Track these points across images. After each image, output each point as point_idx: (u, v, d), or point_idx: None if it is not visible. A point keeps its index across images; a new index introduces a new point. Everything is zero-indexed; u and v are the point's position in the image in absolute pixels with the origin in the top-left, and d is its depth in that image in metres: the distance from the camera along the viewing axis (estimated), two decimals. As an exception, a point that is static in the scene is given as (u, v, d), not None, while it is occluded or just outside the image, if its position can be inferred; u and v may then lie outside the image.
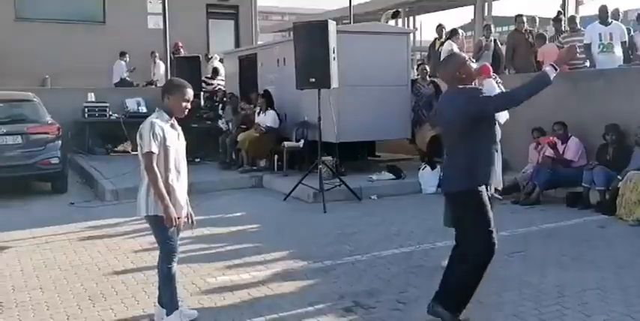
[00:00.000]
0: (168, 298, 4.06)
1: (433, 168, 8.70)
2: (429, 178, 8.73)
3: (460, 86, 3.93)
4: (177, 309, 4.05)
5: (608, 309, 4.25)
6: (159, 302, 4.19)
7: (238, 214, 7.65)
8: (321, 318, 4.22)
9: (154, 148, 3.88)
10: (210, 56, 15.05)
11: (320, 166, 8.15)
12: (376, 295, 4.63)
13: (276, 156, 9.94)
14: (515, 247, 5.73)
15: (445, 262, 5.20)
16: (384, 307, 4.38)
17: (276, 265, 5.45)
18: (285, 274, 5.18)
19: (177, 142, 4.03)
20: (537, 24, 11.65)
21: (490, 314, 4.21)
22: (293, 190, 8.30)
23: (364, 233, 6.52)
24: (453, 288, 4.00)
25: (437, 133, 9.09)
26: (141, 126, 3.97)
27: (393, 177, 9.06)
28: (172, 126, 4.04)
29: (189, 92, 4.05)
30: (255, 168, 10.10)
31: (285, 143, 9.78)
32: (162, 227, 3.95)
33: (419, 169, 9.01)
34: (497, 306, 4.35)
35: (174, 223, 3.90)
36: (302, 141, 9.66)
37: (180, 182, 4.05)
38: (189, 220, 4.22)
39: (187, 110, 4.08)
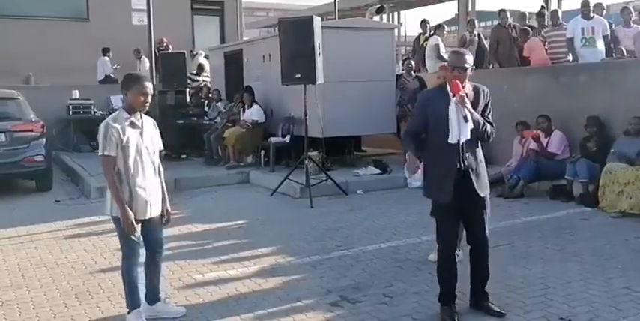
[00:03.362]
0: (127, 297, 4.03)
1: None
2: (414, 172, 8.76)
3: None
4: (138, 308, 4.02)
5: (592, 300, 4.31)
6: (145, 299, 4.20)
7: (225, 210, 7.65)
8: (309, 313, 4.24)
9: (107, 152, 3.83)
10: (195, 53, 14.98)
11: (306, 162, 8.17)
12: (363, 289, 4.66)
13: (262, 152, 9.94)
14: (500, 239, 5.76)
15: (432, 256, 5.28)
16: (370, 301, 4.41)
17: (263, 260, 5.47)
18: (272, 270, 5.19)
19: (139, 140, 3.92)
20: (527, 20, 11.68)
21: (475, 306, 4.24)
22: (279, 185, 8.31)
23: (351, 228, 6.55)
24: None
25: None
26: (99, 128, 3.90)
27: (379, 172, 9.09)
28: (132, 124, 3.92)
29: (148, 85, 3.91)
30: (241, 164, 10.09)
31: (272, 139, 9.78)
32: (122, 229, 3.91)
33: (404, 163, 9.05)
34: (483, 298, 4.39)
35: (130, 228, 3.84)
36: (288, 137, 9.66)
37: (146, 181, 3.95)
38: (165, 218, 4.16)
39: (147, 104, 3.94)
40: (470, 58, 3.97)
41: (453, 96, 3.88)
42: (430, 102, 4.06)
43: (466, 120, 3.85)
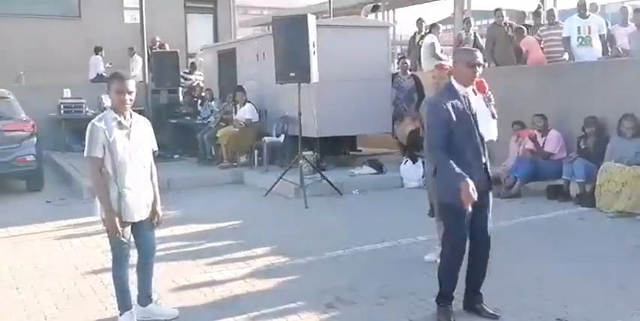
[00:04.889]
0: (118, 299, 3.97)
1: (414, 162, 8.70)
2: (410, 172, 8.73)
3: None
4: (130, 310, 3.96)
5: (588, 300, 4.28)
6: (137, 301, 4.13)
7: (219, 210, 7.58)
8: (303, 314, 4.19)
9: (93, 153, 3.75)
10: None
11: (301, 162, 8.11)
12: (358, 290, 4.61)
13: (256, 151, 9.89)
14: (497, 239, 5.71)
15: (428, 256, 5.23)
16: (366, 302, 4.37)
17: (258, 261, 5.41)
18: (267, 271, 5.14)
19: (127, 140, 3.82)
20: (527, 18, 11.63)
21: (472, 308, 4.19)
22: (274, 185, 8.25)
23: (346, 228, 6.51)
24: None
25: (417, 127, 9.10)
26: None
27: (375, 171, 9.05)
28: (120, 124, 3.82)
29: (125, 83, 3.79)
30: (235, 164, 10.03)
31: (266, 138, 9.72)
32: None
33: (400, 163, 9.01)
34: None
35: (114, 232, 3.79)
36: (282, 136, 9.61)
37: (135, 183, 3.87)
38: (156, 220, 4.08)
39: (127, 102, 3.81)
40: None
41: (482, 93, 3.90)
42: (450, 106, 3.82)
43: (494, 117, 3.89)
